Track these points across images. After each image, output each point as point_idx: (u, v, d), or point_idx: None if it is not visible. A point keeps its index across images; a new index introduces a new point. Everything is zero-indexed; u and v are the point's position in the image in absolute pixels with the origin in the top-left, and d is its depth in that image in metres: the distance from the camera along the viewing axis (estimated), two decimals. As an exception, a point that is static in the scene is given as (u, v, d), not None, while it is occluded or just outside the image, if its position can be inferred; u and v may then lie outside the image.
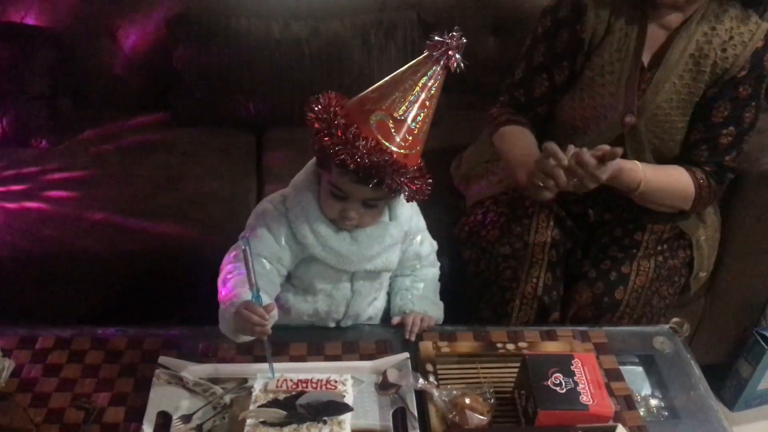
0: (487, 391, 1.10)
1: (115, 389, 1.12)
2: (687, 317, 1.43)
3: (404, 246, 1.25)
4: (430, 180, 1.09)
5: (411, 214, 1.24)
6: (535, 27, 1.50)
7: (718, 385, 1.93)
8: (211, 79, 1.88)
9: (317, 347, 1.22)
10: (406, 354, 1.18)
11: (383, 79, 1.05)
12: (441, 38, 1.00)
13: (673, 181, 1.41)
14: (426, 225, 1.30)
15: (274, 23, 1.89)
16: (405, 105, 1.02)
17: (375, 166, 1.01)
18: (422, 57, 1.03)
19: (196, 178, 1.74)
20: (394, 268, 1.25)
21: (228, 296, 1.07)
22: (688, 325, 1.34)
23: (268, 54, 1.87)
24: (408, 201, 1.10)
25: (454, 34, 1.00)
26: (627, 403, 1.15)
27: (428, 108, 1.04)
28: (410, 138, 1.03)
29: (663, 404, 1.20)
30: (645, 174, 1.35)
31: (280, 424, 1.02)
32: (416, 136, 1.04)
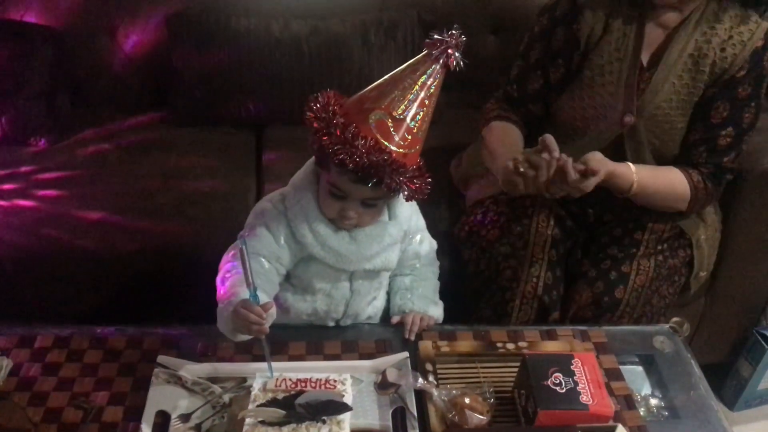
0: (487, 391, 1.10)
1: (114, 388, 1.12)
2: (687, 317, 1.43)
3: (404, 245, 1.25)
4: (430, 179, 1.08)
5: (410, 214, 1.24)
6: (533, 25, 1.50)
7: (719, 385, 1.93)
8: (210, 78, 1.88)
9: (316, 346, 1.22)
10: (406, 353, 1.18)
11: (382, 78, 1.05)
12: (440, 36, 1.00)
13: (668, 182, 1.41)
14: (426, 224, 1.30)
15: (274, 22, 1.88)
16: (404, 104, 1.01)
17: (374, 166, 1.00)
18: (421, 55, 1.02)
19: (195, 176, 1.73)
20: (394, 267, 1.24)
21: (226, 295, 1.07)
22: (689, 324, 1.34)
23: (268, 53, 1.86)
24: (407, 200, 1.09)
25: (454, 32, 1.00)
26: (627, 402, 1.15)
27: (427, 107, 1.04)
28: (409, 137, 1.03)
29: (663, 404, 1.19)
30: (638, 176, 1.35)
31: (279, 423, 1.02)
32: (415, 135, 1.04)
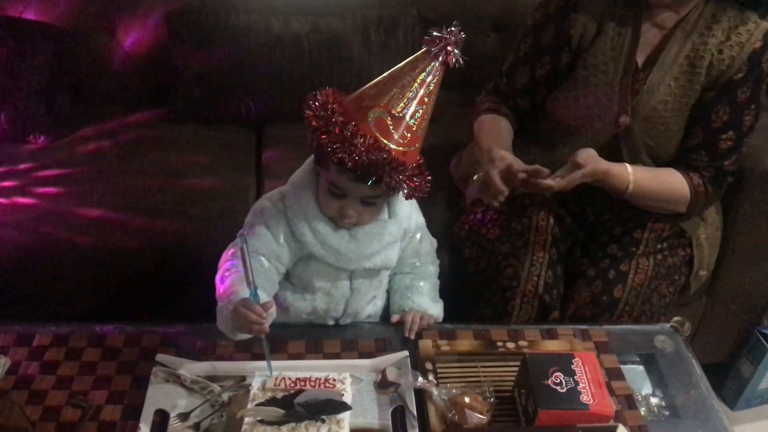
0: (487, 390, 1.10)
1: (112, 387, 1.12)
2: (688, 316, 1.43)
3: (403, 244, 1.24)
4: (429, 177, 1.08)
5: (410, 212, 1.23)
6: (527, 20, 1.50)
7: (719, 385, 1.93)
8: (210, 76, 1.87)
9: (316, 345, 1.21)
10: (406, 352, 1.18)
11: (381, 76, 1.04)
12: (439, 33, 0.99)
13: (667, 184, 1.40)
14: (425, 222, 1.30)
15: (274, 19, 1.88)
16: (403, 102, 1.01)
17: (373, 164, 1.00)
18: (421, 53, 1.02)
19: (195, 174, 1.73)
20: (394, 266, 1.24)
21: (226, 294, 1.07)
22: (689, 324, 1.34)
23: (268, 50, 1.86)
24: (407, 199, 1.09)
25: (453, 29, 0.99)
26: (628, 402, 1.15)
27: (427, 104, 1.03)
28: (409, 135, 1.02)
29: (664, 403, 1.19)
30: (635, 176, 1.35)
31: (278, 422, 1.02)
32: (415, 133, 1.03)
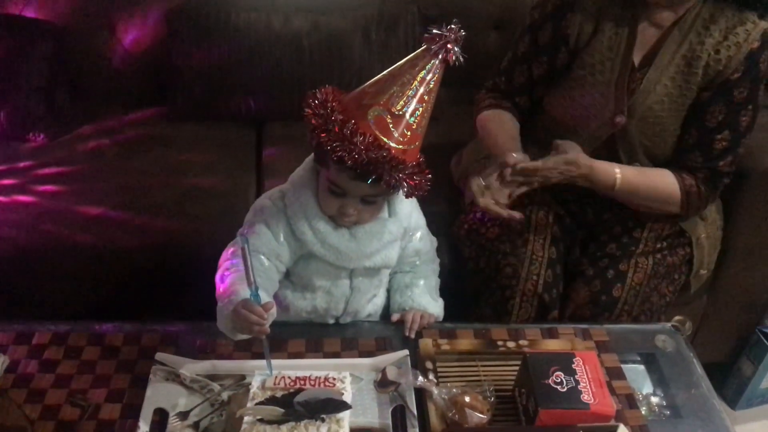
0: (488, 390, 1.09)
1: (112, 386, 1.12)
2: (689, 315, 1.42)
3: (403, 242, 1.24)
4: (430, 176, 1.07)
5: (410, 211, 1.23)
6: (526, 19, 1.50)
7: (720, 384, 1.92)
8: (210, 74, 1.87)
9: (316, 344, 1.21)
10: (406, 351, 1.17)
11: (381, 74, 1.04)
12: (439, 31, 0.99)
13: (655, 184, 1.39)
14: (426, 221, 1.29)
15: (274, 17, 1.87)
16: (403, 100, 1.00)
17: (373, 163, 1.00)
18: (421, 50, 1.01)
19: (195, 173, 1.73)
20: (394, 264, 1.24)
21: (226, 293, 1.06)
22: (690, 323, 1.33)
23: (268, 48, 1.86)
24: (407, 197, 1.08)
25: (453, 27, 0.99)
26: (628, 401, 1.15)
27: (427, 102, 1.03)
28: (409, 133, 1.02)
29: (665, 403, 1.19)
30: (623, 173, 1.35)
31: (278, 421, 1.01)
32: (415, 131, 1.03)
